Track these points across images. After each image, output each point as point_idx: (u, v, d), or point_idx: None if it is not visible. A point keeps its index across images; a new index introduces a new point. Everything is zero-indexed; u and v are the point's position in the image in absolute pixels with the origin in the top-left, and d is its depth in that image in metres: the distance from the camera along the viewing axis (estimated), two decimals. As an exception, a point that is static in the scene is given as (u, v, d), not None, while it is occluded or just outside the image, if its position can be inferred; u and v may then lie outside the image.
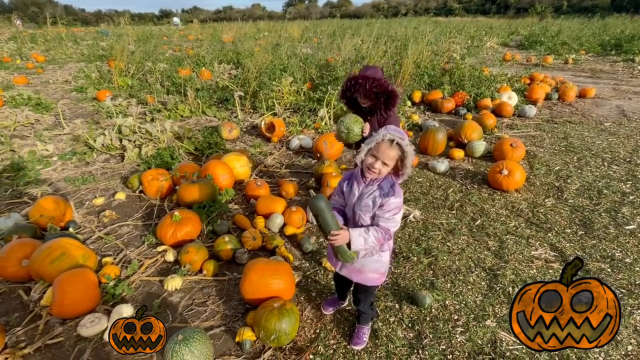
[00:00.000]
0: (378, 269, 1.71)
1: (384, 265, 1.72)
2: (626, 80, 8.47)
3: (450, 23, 22.13)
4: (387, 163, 1.48)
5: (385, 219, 1.53)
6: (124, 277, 2.41)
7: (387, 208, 1.51)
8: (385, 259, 1.70)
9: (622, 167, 3.93)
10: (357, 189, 1.58)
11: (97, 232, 2.91)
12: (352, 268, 1.73)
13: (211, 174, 3.36)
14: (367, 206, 1.55)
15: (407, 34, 9.64)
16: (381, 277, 1.75)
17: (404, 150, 1.45)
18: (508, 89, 6.48)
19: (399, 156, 1.47)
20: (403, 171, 1.50)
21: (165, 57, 10.68)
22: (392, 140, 1.44)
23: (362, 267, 1.70)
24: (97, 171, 4.10)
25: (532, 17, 28.56)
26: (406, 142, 1.46)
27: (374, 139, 1.47)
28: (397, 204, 1.53)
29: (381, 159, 1.47)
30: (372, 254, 1.66)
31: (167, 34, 22.05)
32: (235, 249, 2.58)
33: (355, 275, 1.75)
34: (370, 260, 1.68)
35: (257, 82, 6.48)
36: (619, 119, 5.59)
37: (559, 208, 3.22)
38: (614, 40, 13.73)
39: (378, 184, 1.54)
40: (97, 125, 5.63)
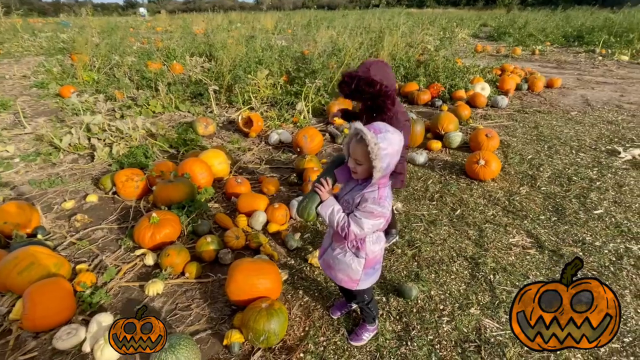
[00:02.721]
0: (348, 273, 1.64)
1: (355, 272, 1.62)
2: (588, 71, 8.89)
3: (423, 14, 22.34)
4: (359, 160, 1.41)
5: (353, 216, 1.47)
6: (101, 284, 2.30)
7: (360, 208, 1.46)
8: (356, 267, 1.61)
9: (588, 155, 4.12)
10: (351, 185, 1.56)
11: (69, 238, 2.76)
12: (326, 261, 1.73)
13: (189, 172, 3.25)
14: (347, 202, 1.53)
15: (382, 26, 9.64)
16: (351, 282, 1.67)
17: (367, 145, 1.33)
18: (481, 80, 6.64)
19: (366, 152, 1.35)
20: (372, 169, 1.36)
21: (133, 50, 10.19)
22: (357, 134, 1.38)
23: (332, 263, 1.69)
24: (64, 173, 3.87)
25: (499, 9, 29.40)
26: (371, 136, 1.32)
27: (348, 135, 1.45)
28: (373, 209, 1.43)
29: (352, 156, 1.44)
30: (344, 255, 1.62)
31: (133, 25, 21.05)
32: (218, 250, 2.52)
33: (327, 269, 1.75)
34: (340, 260, 1.63)
35: (232, 75, 6.31)
36: (583, 108, 5.87)
37: (533, 196, 3.34)
38: (575, 31, 14.36)
39: (365, 184, 1.50)
40: (62, 123, 5.32)
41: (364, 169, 1.43)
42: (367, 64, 2.06)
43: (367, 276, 1.67)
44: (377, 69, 2.03)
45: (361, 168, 1.44)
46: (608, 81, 7.73)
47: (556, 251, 2.62)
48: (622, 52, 10.63)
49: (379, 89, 1.99)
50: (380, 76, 2.01)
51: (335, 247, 1.65)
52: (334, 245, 1.66)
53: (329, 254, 1.69)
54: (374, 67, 2.03)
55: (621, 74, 8.40)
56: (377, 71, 2.02)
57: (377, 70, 2.03)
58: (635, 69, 9.03)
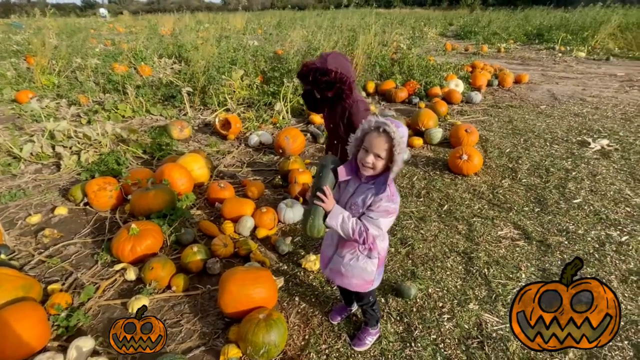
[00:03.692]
0: (363, 276, 1.60)
1: (369, 274, 1.59)
2: (551, 67, 9.32)
3: (391, 14, 22.74)
4: (380, 155, 1.36)
5: (368, 218, 1.41)
6: (78, 305, 2.10)
7: (374, 208, 1.40)
8: (370, 269, 1.58)
9: (561, 146, 4.29)
10: (353, 185, 1.48)
11: (37, 256, 2.52)
12: (335, 270, 1.64)
13: (167, 178, 3.07)
14: (356, 205, 1.44)
15: (354, 25, 9.69)
16: (366, 284, 1.62)
17: (392, 138, 1.32)
18: (454, 77, 6.79)
19: (390, 145, 1.34)
20: (392, 164, 1.36)
21: (96, 52, 9.67)
22: (379, 128, 1.34)
23: (344, 270, 1.60)
24: (27, 184, 3.57)
25: (463, 9, 30.43)
26: (394, 128, 1.31)
27: (361, 129, 1.38)
28: (387, 207, 1.39)
29: (373, 151, 1.36)
30: (357, 259, 1.56)
31: (94, 26, 20.04)
32: (205, 259, 2.38)
33: (338, 278, 1.66)
34: (354, 266, 1.57)
35: (205, 76, 6.09)
36: (551, 102, 6.12)
37: (515, 188, 3.42)
38: (535, 30, 15.08)
39: (373, 182, 1.44)
40: (21, 131, 4.92)
41: (382, 164, 1.38)
42: (324, 55, 2.17)
43: (379, 275, 1.64)
44: (333, 59, 2.13)
45: (381, 163, 1.38)
46: (569, 76, 8.13)
47: (543, 241, 2.67)
48: (579, 49, 11.24)
49: (333, 77, 2.09)
50: (336, 65, 2.11)
51: (343, 253, 1.57)
52: (342, 252, 1.58)
53: (337, 262, 1.60)
54: (330, 58, 2.13)
55: (580, 69, 8.87)
56: (332, 61, 2.12)
57: (333, 60, 2.13)
58: (592, 64, 9.56)
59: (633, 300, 2.14)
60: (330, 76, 2.08)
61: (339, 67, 2.11)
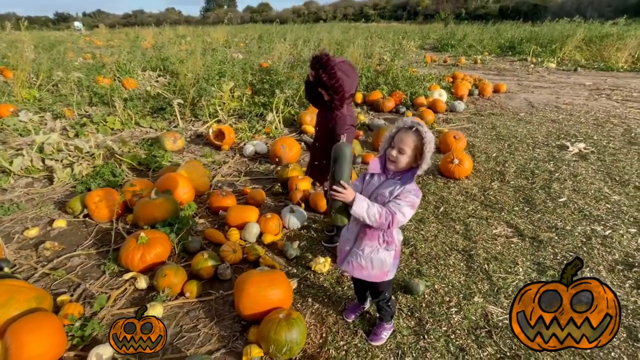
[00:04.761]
0: (382, 268, 1.69)
1: (387, 264, 1.68)
2: (525, 77, 9.85)
3: (369, 28, 23.44)
4: (404, 150, 1.47)
5: (395, 203, 1.48)
6: (90, 315, 2.08)
7: (402, 197, 1.49)
8: (389, 260, 1.67)
9: (543, 150, 4.56)
10: (378, 180, 1.58)
11: (40, 269, 2.47)
12: (354, 263, 1.71)
13: (169, 188, 3.09)
14: (382, 196, 1.53)
15: (338, 39, 9.97)
16: (383, 275, 1.71)
17: (423, 138, 1.44)
18: (437, 87, 7.09)
19: (418, 144, 1.46)
20: (421, 161, 1.47)
21: (76, 66, 9.51)
22: (411, 127, 1.46)
23: (365, 263, 1.68)
24: (19, 198, 3.48)
25: (438, 23, 31.72)
26: (426, 128, 1.45)
27: (396, 127, 1.50)
28: (413, 200, 1.49)
29: (397, 145, 1.48)
30: (377, 252, 1.66)
31: (70, 40, 19.66)
32: (216, 265, 2.40)
33: (357, 271, 1.73)
34: (374, 258, 1.66)
35: (196, 88, 6.12)
36: (529, 109, 6.48)
37: (504, 189, 3.61)
38: (508, 42, 15.90)
39: (399, 178, 1.55)
40: (5, 145, 4.78)
41: (406, 160, 1.49)
42: (340, 59, 2.17)
43: (394, 266, 1.73)
44: (342, 67, 2.13)
45: (404, 158, 1.49)
46: (543, 85, 8.62)
47: (535, 237, 2.84)
48: (549, 60, 11.94)
49: (332, 82, 2.10)
50: (343, 75, 2.12)
51: (362, 247, 1.66)
52: (361, 245, 1.66)
53: (356, 256, 1.68)
54: (340, 65, 2.12)
55: (552, 79, 9.42)
56: (341, 69, 2.12)
57: (343, 68, 2.13)
58: (562, 74, 10.17)
59: (621, 288, 2.32)
60: (331, 81, 2.11)
61: (343, 77, 2.13)
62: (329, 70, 2.10)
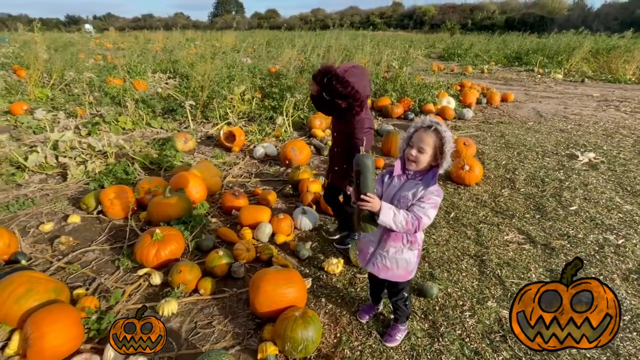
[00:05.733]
0: (406, 267, 1.72)
1: (410, 264, 1.72)
2: (532, 87, 9.88)
3: (376, 36, 23.61)
4: (424, 149, 1.48)
5: (419, 207, 1.49)
6: (106, 309, 2.10)
7: (425, 200, 1.50)
8: (413, 260, 1.71)
9: (552, 159, 4.56)
10: (399, 181, 1.60)
11: (56, 262, 2.50)
12: (379, 264, 1.73)
13: (183, 187, 3.12)
14: (405, 198, 1.54)
15: (346, 45, 10.07)
16: (407, 274, 1.74)
17: (442, 137, 1.46)
18: (445, 95, 7.12)
19: (437, 143, 1.48)
20: (441, 160, 1.49)
21: (87, 67, 9.65)
22: (430, 126, 1.47)
23: (390, 264, 1.70)
24: (33, 194, 3.52)
25: (444, 33, 31.93)
26: (445, 127, 1.47)
27: (413, 126, 1.52)
28: (436, 201, 1.51)
29: (417, 144, 1.49)
30: (402, 252, 1.67)
31: (81, 41, 19.93)
32: (230, 263, 2.42)
33: (383, 272, 1.74)
34: (399, 259, 1.68)
35: (209, 90, 6.18)
36: (537, 119, 6.50)
37: (515, 197, 3.61)
38: (514, 53, 15.97)
39: (420, 178, 1.56)
40: (19, 142, 4.85)
41: (427, 159, 1.51)
42: (347, 66, 2.15)
43: (416, 264, 1.75)
44: (353, 72, 2.12)
45: (424, 157, 1.50)
46: (551, 96, 8.64)
47: (547, 245, 2.84)
48: (556, 71, 11.97)
49: (348, 91, 2.08)
50: (355, 79, 2.10)
51: (387, 248, 1.67)
52: (386, 247, 1.68)
53: (381, 258, 1.70)
54: (351, 71, 2.12)
55: (559, 90, 9.44)
56: (352, 74, 2.11)
57: (353, 73, 2.12)
58: (569, 85, 10.19)
59: (636, 297, 2.31)
60: (347, 89, 2.10)
61: (357, 82, 2.12)
62: (341, 80, 2.09)
